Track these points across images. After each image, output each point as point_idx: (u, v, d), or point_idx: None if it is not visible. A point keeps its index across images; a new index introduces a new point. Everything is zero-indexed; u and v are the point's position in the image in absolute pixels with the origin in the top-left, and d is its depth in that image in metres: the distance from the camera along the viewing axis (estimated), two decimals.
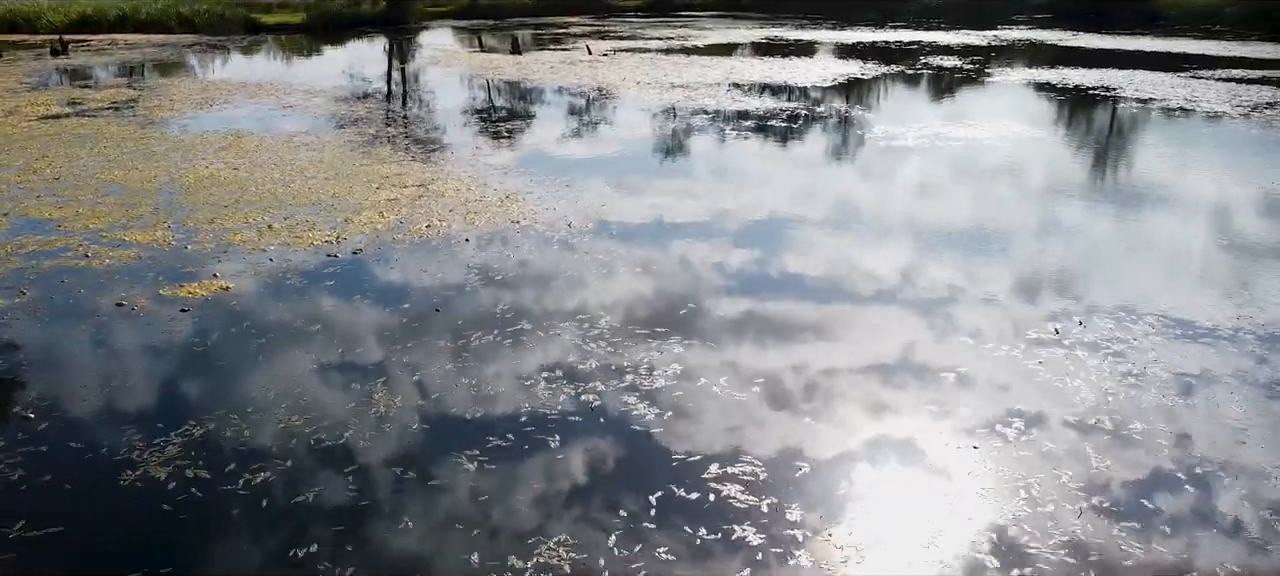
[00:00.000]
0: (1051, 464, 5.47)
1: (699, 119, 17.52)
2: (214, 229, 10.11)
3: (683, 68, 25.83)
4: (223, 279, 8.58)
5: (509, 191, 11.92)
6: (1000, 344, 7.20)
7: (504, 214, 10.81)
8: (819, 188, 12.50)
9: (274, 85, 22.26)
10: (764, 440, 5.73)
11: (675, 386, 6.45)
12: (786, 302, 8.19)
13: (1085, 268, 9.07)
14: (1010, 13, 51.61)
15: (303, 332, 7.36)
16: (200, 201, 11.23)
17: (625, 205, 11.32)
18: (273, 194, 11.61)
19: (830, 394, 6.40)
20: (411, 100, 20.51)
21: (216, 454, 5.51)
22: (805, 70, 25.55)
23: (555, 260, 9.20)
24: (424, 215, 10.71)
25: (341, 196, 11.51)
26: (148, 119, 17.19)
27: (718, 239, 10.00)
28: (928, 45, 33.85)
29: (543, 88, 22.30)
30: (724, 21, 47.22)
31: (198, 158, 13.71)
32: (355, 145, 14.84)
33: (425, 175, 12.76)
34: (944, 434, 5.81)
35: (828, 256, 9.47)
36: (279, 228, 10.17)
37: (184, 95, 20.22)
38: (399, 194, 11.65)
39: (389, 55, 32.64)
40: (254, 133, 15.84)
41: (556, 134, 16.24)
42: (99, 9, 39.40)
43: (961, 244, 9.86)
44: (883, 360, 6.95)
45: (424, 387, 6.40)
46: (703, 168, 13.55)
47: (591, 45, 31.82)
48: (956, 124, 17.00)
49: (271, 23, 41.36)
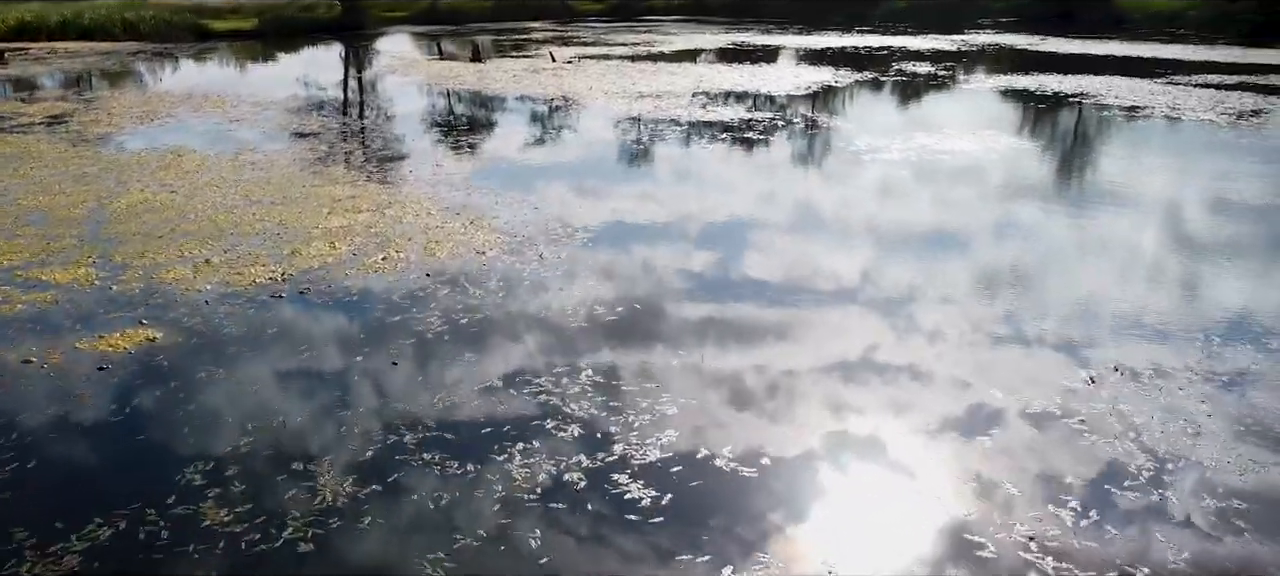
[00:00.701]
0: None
1: (671, 132, 16.68)
2: (144, 264, 9.08)
3: (650, 75, 25.00)
4: (150, 327, 7.57)
5: (473, 214, 10.99)
6: (1044, 400, 6.43)
7: (468, 242, 9.87)
8: (812, 212, 11.71)
9: (222, 96, 21.09)
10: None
11: (681, 473, 5.57)
12: (783, 355, 7.35)
13: (1123, 309, 8.33)
14: (975, 16, 51.41)
15: (239, 396, 6.39)
16: (131, 232, 10.17)
17: (599, 230, 10.43)
18: (213, 221, 10.58)
19: (876, 459, 5.57)
20: (368, 112, 19.47)
21: (126, 564, 4.55)
22: (777, 78, 24.83)
23: (525, 299, 8.29)
24: (380, 244, 9.75)
25: (289, 223, 10.51)
26: (81, 136, 16.00)
27: (707, 278, 9.16)
28: (898, 50, 33.33)
29: (506, 97, 21.35)
30: (689, 26, 46.50)
31: (133, 180, 12.61)
32: (306, 163, 13.81)
33: (382, 197, 11.78)
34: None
35: (840, 297, 8.66)
36: (217, 262, 9.15)
37: (123, 108, 19.01)
38: (353, 219, 10.67)
39: (345, 63, 31.48)
40: (196, 150, 14.74)
41: (522, 148, 15.31)
42: (39, 16, 37.72)
43: (984, 281, 9.10)
44: (906, 410, 6.14)
45: (380, 469, 5.47)
46: (680, 189, 12.70)
47: (555, 52, 30.90)
48: (940, 135, 16.31)
49: (222, 29, 39.94)
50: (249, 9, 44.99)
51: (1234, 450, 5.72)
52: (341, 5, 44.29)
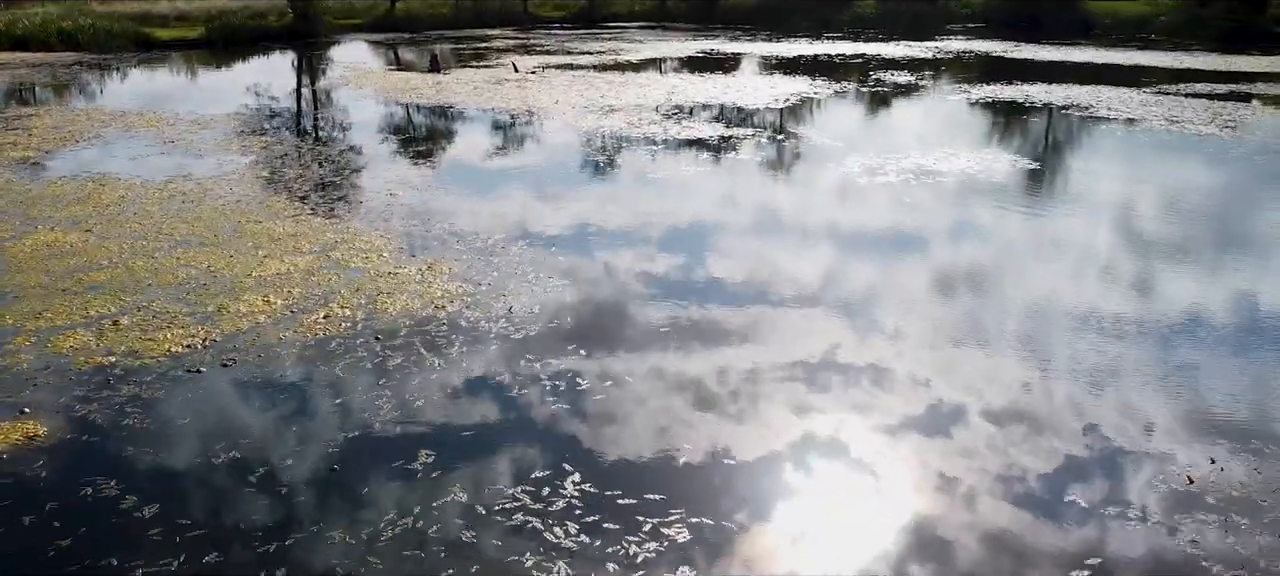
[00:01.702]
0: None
1: (646, 153, 15.42)
2: (39, 328, 7.64)
3: (619, 87, 23.72)
4: (34, 416, 6.17)
5: (431, 255, 9.66)
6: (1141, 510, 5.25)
7: (425, 292, 8.53)
8: (818, 253, 10.48)
9: (158, 113, 19.48)
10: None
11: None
12: (810, 461, 6.12)
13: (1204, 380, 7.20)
14: (942, 22, 50.77)
15: (134, 520, 5.03)
16: (30, 285, 8.70)
17: (574, 273, 9.14)
18: (128, 269, 9.13)
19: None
20: (317, 131, 18.00)
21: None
22: (753, 89, 23.67)
23: (494, 371, 6.98)
24: (321, 297, 8.38)
25: (218, 270, 9.09)
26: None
27: (706, 340, 7.88)
28: (872, 59, 32.36)
29: (467, 113, 19.96)
30: (654, 33, 45.30)
31: (42, 216, 11.11)
32: (243, 194, 12.36)
33: (328, 235, 10.39)
34: None
35: (851, 350, 7.44)
36: (128, 324, 7.74)
37: (45, 129, 17.38)
38: (292, 265, 9.28)
39: (294, 74, 29.87)
40: (121, 178, 13.22)
41: (485, 174, 13.97)
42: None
43: (1017, 335, 7.93)
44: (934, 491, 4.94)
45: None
46: (661, 223, 11.43)
47: (518, 62, 29.53)
48: (935, 153, 15.19)
49: (166, 38, 38.02)
50: (196, 16, 43.06)
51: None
52: (293, 12, 42.49)
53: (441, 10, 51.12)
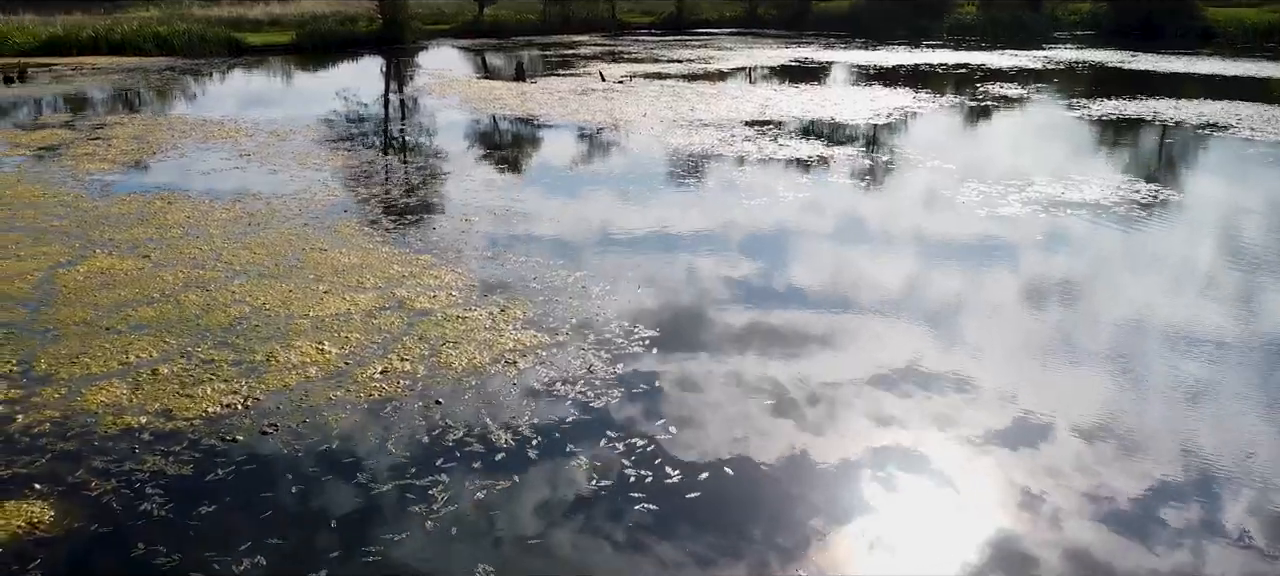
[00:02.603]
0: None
1: (742, 177, 14.28)
2: (73, 377, 6.90)
3: (710, 99, 22.62)
4: (43, 494, 5.37)
5: (505, 295, 8.70)
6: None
7: (494, 344, 7.57)
8: (938, 307, 9.23)
9: (238, 123, 19.10)
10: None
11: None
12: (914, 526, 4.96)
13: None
14: (1049, 30, 48.31)
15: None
16: (73, 321, 8.02)
17: (666, 322, 8.08)
18: (179, 304, 8.39)
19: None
20: (395, 146, 17.30)
21: None
22: (851, 102, 22.30)
23: (571, 449, 5.95)
24: (380, 346, 7.49)
25: (273, 309, 8.29)
26: (69, 173, 14.02)
27: (816, 429, 6.73)
28: (978, 69, 30.60)
29: (550, 126, 19.09)
30: (745, 40, 44.05)
31: (102, 237, 10.52)
32: (313, 215, 11.63)
33: (395, 267, 9.53)
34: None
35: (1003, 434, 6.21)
36: (166, 374, 6.95)
37: (125, 139, 17.06)
38: (353, 303, 8.42)
39: (379, 81, 29.56)
40: (190, 195, 12.65)
41: (566, 198, 13.00)
42: (70, 29, 36.36)
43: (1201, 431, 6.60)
44: None
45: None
46: (761, 266, 10.29)
47: (604, 71, 28.65)
48: (1064, 182, 13.67)
49: (257, 43, 38.32)
50: (288, 21, 43.40)
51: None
52: (382, 18, 42.49)
53: (529, 16, 50.74)
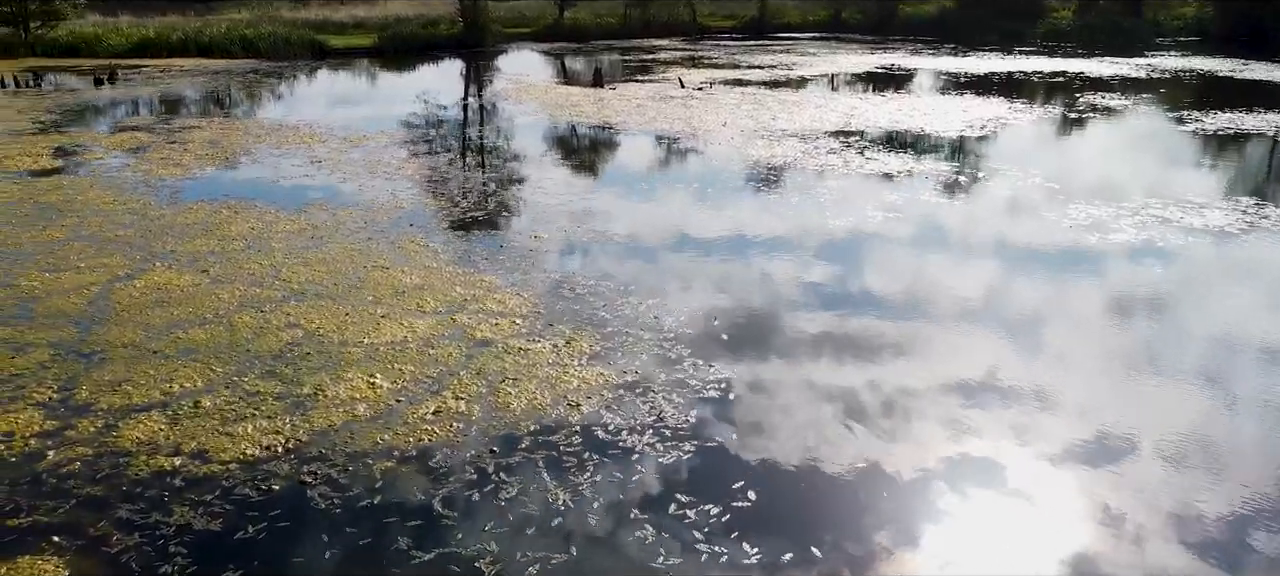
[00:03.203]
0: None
1: (826, 190, 13.46)
2: (113, 407, 6.51)
3: (792, 107, 21.77)
4: (60, 549, 4.94)
5: (571, 325, 8.10)
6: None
7: (558, 382, 6.96)
8: (1050, 350, 8.33)
9: (314, 127, 18.94)
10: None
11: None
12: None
13: None
14: (1151, 36, 46.06)
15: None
16: (123, 342, 7.66)
17: (745, 363, 7.37)
18: (232, 327, 7.99)
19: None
20: (466, 156, 16.87)
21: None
22: (942, 112, 21.22)
23: (638, 509, 5.29)
24: (435, 381, 6.94)
25: (326, 334, 7.82)
26: (142, 179, 13.91)
27: (923, 471, 5.96)
28: (1075, 78, 29.09)
29: (626, 136, 18.49)
30: (828, 46, 42.93)
31: (164, 250, 10.24)
32: (378, 229, 11.21)
33: (457, 289, 9.00)
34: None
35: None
36: (208, 407, 6.51)
37: (201, 143, 16.99)
38: (410, 331, 7.91)
39: (456, 86, 29.37)
40: (257, 204, 12.37)
41: (640, 216, 12.35)
42: (161, 32, 37.14)
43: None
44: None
45: None
46: (851, 292, 9.51)
47: (684, 77, 27.98)
48: (1181, 206, 12.53)
49: (340, 46, 38.62)
50: (372, 24, 43.77)
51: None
52: (463, 22, 42.52)
53: (609, 20, 50.34)
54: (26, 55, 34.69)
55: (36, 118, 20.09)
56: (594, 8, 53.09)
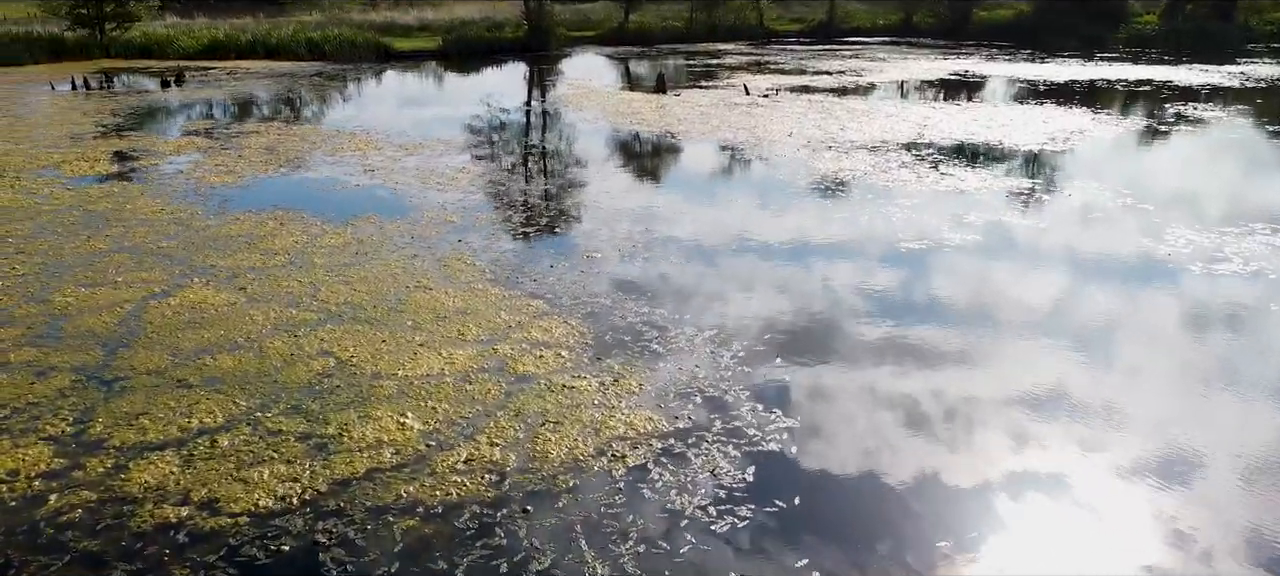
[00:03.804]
0: None
1: (900, 210, 12.63)
2: (124, 446, 6.07)
3: (862, 117, 20.90)
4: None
5: (620, 360, 7.47)
6: None
7: (603, 427, 6.35)
8: (1160, 417, 7.48)
9: (370, 133, 18.66)
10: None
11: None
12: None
13: None
14: (1241, 41, 43.85)
15: None
16: (147, 368, 7.25)
17: (808, 411, 6.66)
18: (262, 353, 7.54)
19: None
20: (521, 167, 16.33)
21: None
22: (1022, 122, 20.16)
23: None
24: (470, 422, 6.38)
25: (359, 364, 7.32)
26: (193, 187, 13.67)
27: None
28: (1162, 87, 27.64)
29: (688, 147, 17.84)
30: (898, 51, 41.73)
31: (205, 264, 9.89)
32: (424, 244, 10.73)
33: (501, 315, 8.45)
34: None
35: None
36: (225, 447, 6.03)
37: (256, 149, 16.79)
38: (448, 362, 7.37)
39: (517, 91, 28.99)
40: (304, 215, 12.00)
41: (700, 235, 11.66)
42: (231, 34, 37.54)
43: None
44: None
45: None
46: (929, 339, 8.73)
47: (749, 83, 27.23)
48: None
49: (405, 49, 38.64)
50: (437, 27, 43.79)
51: None
52: (527, 25, 42.28)
53: (675, 23, 49.73)
54: (101, 56, 35.31)
55: (100, 121, 20.15)
56: (659, 11, 52.56)
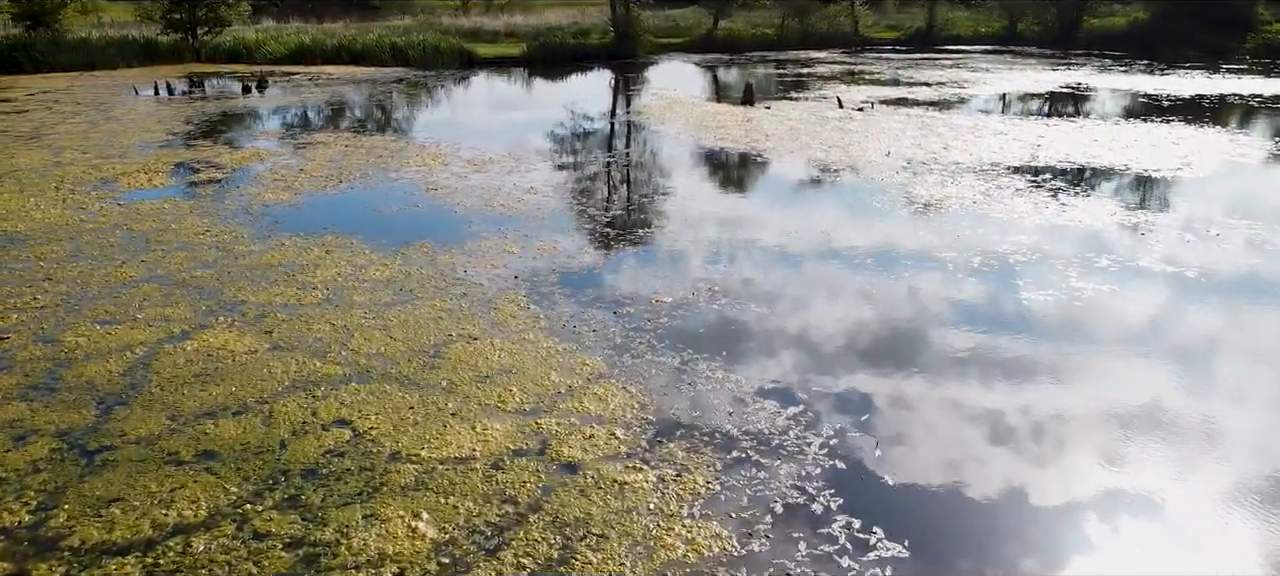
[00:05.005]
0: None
1: (1019, 254, 11.06)
2: (81, 547, 5.07)
3: (966, 135, 19.20)
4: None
5: (687, 449, 6.21)
6: None
7: (659, 545, 5.11)
8: None
9: (439, 146, 17.79)
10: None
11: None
12: None
13: None
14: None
15: None
16: (138, 435, 6.27)
17: (917, 532, 5.29)
18: (272, 418, 6.50)
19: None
20: (592, 189, 15.13)
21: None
22: (1148, 144, 18.22)
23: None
24: (497, 529, 5.20)
25: (378, 438, 6.21)
26: (245, 205, 12.89)
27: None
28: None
29: (775, 166, 16.46)
30: (1003, 61, 39.48)
31: (234, 299, 8.96)
32: (477, 280, 9.64)
33: (552, 378, 7.26)
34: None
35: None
36: (196, 554, 4.97)
37: (320, 162, 16.03)
38: (481, 440, 6.21)
39: (597, 102, 27.96)
40: (354, 239, 11.07)
41: (782, 284, 10.32)
42: (317, 39, 37.50)
43: None
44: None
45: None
46: (1066, 435, 7.24)
47: (842, 95, 25.65)
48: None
49: (489, 55, 38.07)
50: (523, 33, 43.22)
51: None
52: (614, 31, 41.34)
53: (766, 30, 48.26)
54: (192, 61, 35.58)
55: (172, 128, 19.76)
56: (750, 17, 51.16)
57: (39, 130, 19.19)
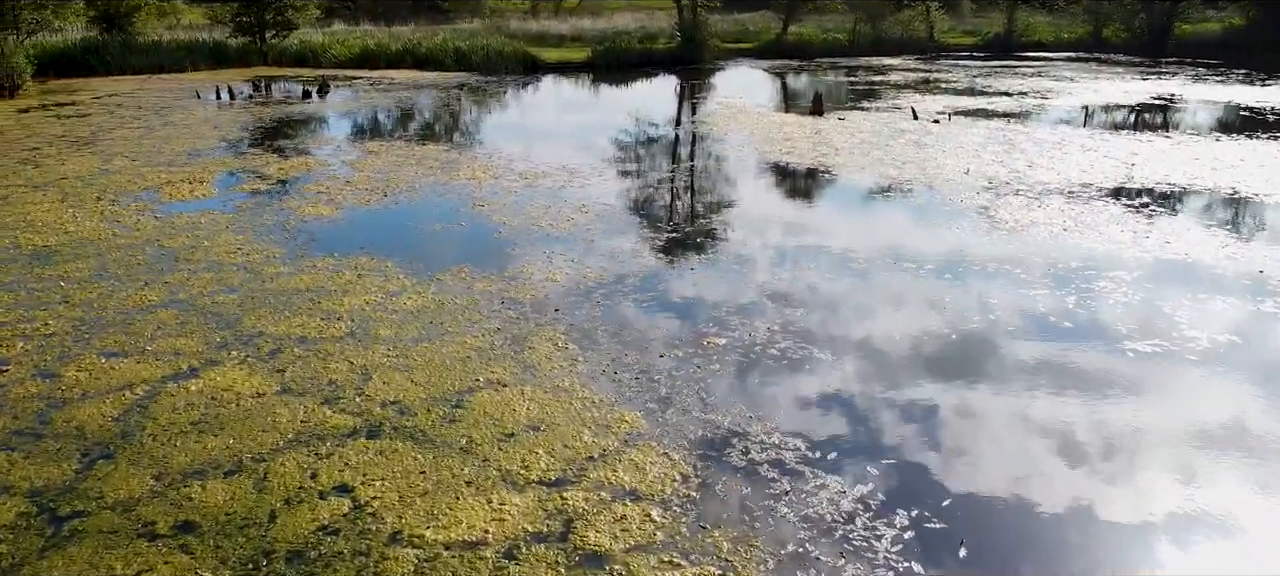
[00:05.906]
0: None
1: (1118, 292, 9.90)
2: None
3: (1052, 150, 17.89)
4: None
5: (735, 537, 5.32)
6: None
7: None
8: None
9: (491, 158, 17.11)
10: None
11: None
12: None
13: None
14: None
15: None
16: (117, 497, 5.59)
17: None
18: (262, 482, 5.76)
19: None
20: (647, 209, 14.19)
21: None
22: (1256, 164, 16.71)
23: None
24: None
25: (379, 513, 5.44)
26: (283, 220, 12.33)
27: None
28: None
29: (844, 186, 15.40)
30: (1088, 69, 37.61)
31: (251, 331, 8.30)
32: (513, 313, 8.85)
33: (583, 438, 6.41)
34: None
35: None
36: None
37: (369, 174, 15.45)
38: (497, 518, 5.39)
39: (660, 110, 27.08)
40: (389, 262, 10.38)
41: (848, 327, 9.32)
42: (381, 43, 37.32)
43: None
44: None
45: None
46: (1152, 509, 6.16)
47: (917, 106, 24.39)
48: None
49: (552, 60, 37.46)
50: (589, 37, 42.58)
51: None
52: (680, 37, 40.46)
53: (837, 36, 46.92)
54: (259, 64, 35.63)
55: (226, 135, 19.44)
56: (821, 22, 49.84)
57: (96, 135, 19.02)
